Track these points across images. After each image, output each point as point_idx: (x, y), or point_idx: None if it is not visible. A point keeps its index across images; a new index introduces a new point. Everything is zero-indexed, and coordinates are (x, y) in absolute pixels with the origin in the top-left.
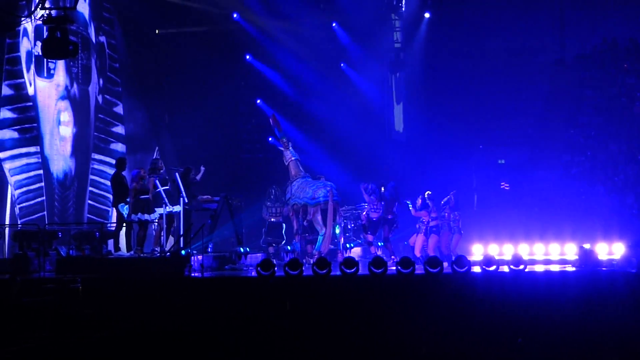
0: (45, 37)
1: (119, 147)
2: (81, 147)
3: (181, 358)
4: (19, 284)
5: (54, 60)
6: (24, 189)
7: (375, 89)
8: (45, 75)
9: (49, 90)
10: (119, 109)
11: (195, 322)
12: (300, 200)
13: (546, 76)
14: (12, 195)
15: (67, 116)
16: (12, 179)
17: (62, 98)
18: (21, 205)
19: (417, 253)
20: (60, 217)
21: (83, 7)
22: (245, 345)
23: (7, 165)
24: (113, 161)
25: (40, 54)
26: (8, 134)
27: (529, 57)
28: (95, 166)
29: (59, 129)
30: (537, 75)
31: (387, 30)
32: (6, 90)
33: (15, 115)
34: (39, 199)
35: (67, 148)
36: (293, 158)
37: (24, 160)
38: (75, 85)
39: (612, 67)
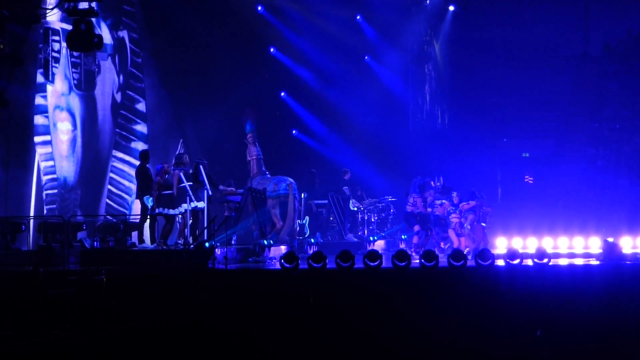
0: (70, 30)
1: (140, 145)
2: (89, 151)
3: (204, 350)
4: (42, 275)
5: (56, 65)
6: (50, 176)
7: (400, 82)
8: (50, 79)
9: (51, 93)
10: (142, 107)
11: (219, 314)
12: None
13: (571, 69)
14: (40, 181)
15: (64, 123)
16: (42, 164)
17: (58, 105)
18: (47, 192)
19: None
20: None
21: None
22: (268, 338)
23: (40, 150)
24: (133, 160)
25: (47, 57)
26: (41, 119)
27: (554, 50)
28: (116, 164)
29: (60, 131)
30: (561, 69)
31: (412, 23)
32: (40, 78)
33: (46, 102)
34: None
35: (68, 150)
36: (257, 155)
37: (49, 148)
38: (75, 92)
39: (637, 60)
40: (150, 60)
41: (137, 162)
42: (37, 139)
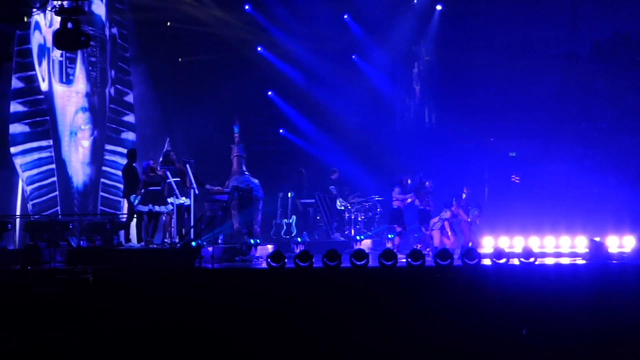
0: (57, 28)
1: (130, 135)
2: (98, 149)
3: (191, 349)
4: (31, 274)
5: (73, 66)
6: (36, 184)
7: (387, 81)
8: (64, 80)
9: (67, 95)
10: (130, 98)
11: (206, 313)
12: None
13: (558, 69)
14: (24, 192)
15: (84, 123)
16: (24, 175)
17: (82, 107)
18: (34, 201)
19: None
20: (81, 210)
21: (100, 9)
22: (255, 337)
23: (18, 161)
24: (124, 151)
25: (59, 58)
26: (19, 128)
27: (541, 49)
28: (107, 157)
29: (78, 136)
30: (549, 68)
31: (400, 22)
32: (16, 83)
33: (26, 109)
34: (52, 194)
35: (87, 154)
36: (237, 154)
37: (35, 155)
38: (95, 91)
39: (625, 60)
40: (138, 60)
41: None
42: (14, 149)
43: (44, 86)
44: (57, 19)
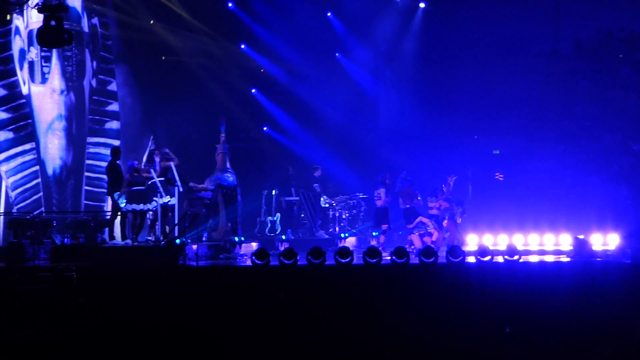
0: (40, 26)
1: (114, 124)
2: (77, 141)
3: (175, 347)
4: (18, 271)
5: (48, 64)
6: (21, 189)
7: (370, 79)
8: (40, 80)
9: (43, 94)
10: (112, 87)
11: (190, 311)
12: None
13: (541, 66)
14: (9, 197)
15: (62, 119)
16: (9, 181)
17: (56, 103)
18: (19, 205)
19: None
20: (58, 208)
21: (74, 1)
22: (239, 335)
23: (3, 168)
24: (108, 141)
25: (33, 58)
26: (3, 135)
27: (524, 47)
28: (91, 150)
29: (54, 130)
30: (531, 66)
31: (382, 20)
32: (0, 92)
33: (10, 115)
34: (36, 196)
35: (62, 145)
36: (222, 151)
37: (19, 160)
38: (70, 86)
39: (606, 58)
40: (120, 57)
41: (112, 141)
42: None
43: (24, 89)
44: (35, 20)
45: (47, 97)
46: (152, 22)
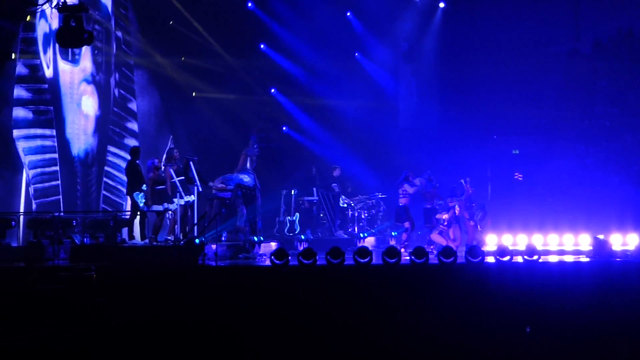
0: (59, 25)
1: (132, 142)
2: (101, 131)
3: (194, 347)
4: (37, 271)
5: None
6: (39, 169)
7: (390, 79)
8: (69, 59)
9: (73, 73)
10: (133, 106)
11: (209, 311)
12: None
13: (561, 66)
14: (27, 175)
15: (90, 98)
16: (26, 159)
17: (87, 82)
18: (36, 185)
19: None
20: (83, 199)
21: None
22: (258, 334)
23: (21, 144)
24: (126, 155)
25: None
26: (22, 112)
27: (544, 47)
28: (110, 158)
29: (82, 109)
30: (551, 66)
31: (402, 19)
32: (21, 69)
33: (29, 95)
34: (54, 182)
35: (90, 127)
36: (244, 152)
37: (39, 142)
38: (100, 74)
39: (627, 57)
40: (141, 58)
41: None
42: (17, 132)
43: (48, 73)
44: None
45: (76, 75)
46: (171, 22)
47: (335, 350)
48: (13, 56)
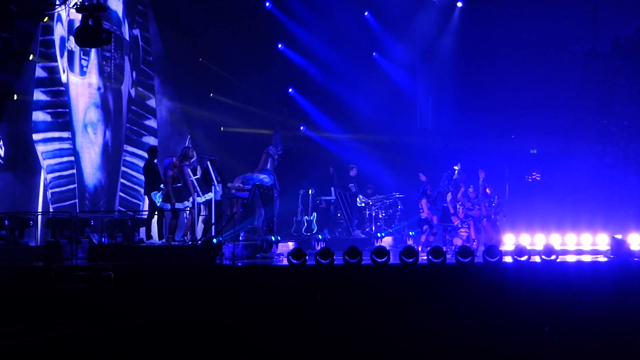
0: (78, 25)
1: (151, 140)
2: (112, 145)
3: (212, 346)
4: (55, 270)
5: (86, 58)
6: (57, 174)
7: (407, 78)
8: (79, 72)
9: (81, 87)
10: (152, 102)
11: (226, 310)
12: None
13: (579, 65)
14: (45, 179)
15: (95, 118)
16: (44, 162)
17: (93, 99)
18: (53, 190)
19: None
20: (91, 207)
21: (116, 5)
22: (275, 334)
23: (40, 148)
24: (144, 154)
25: (73, 48)
26: (41, 115)
27: (562, 46)
28: (127, 158)
29: (87, 129)
30: (569, 65)
31: (420, 19)
32: (40, 72)
33: (48, 98)
34: (71, 186)
35: (96, 150)
36: (265, 151)
37: (57, 145)
38: (107, 86)
39: None
40: (159, 58)
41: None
42: (36, 136)
43: (64, 78)
44: (77, 13)
45: (84, 90)
46: (200, 59)
47: (352, 350)
48: (31, 57)
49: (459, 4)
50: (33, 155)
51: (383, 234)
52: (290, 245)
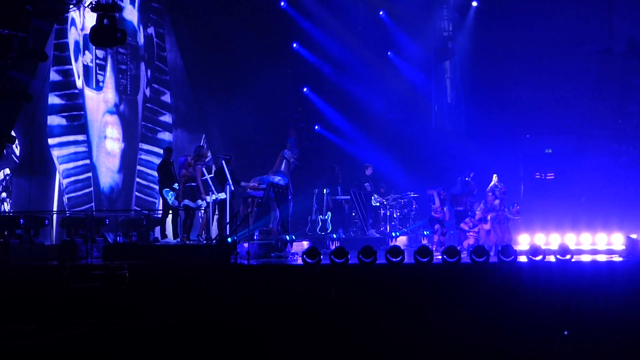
0: (94, 25)
1: (167, 136)
2: (128, 146)
3: (225, 345)
4: (69, 269)
5: (102, 73)
6: (72, 178)
7: (423, 78)
8: (94, 86)
9: (97, 102)
10: (167, 98)
11: (241, 309)
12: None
13: (594, 65)
14: (60, 184)
15: (114, 132)
16: (60, 167)
17: (110, 113)
18: (70, 195)
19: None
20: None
21: (131, 15)
22: (290, 333)
23: (55, 152)
24: (160, 151)
25: (89, 63)
26: (56, 120)
27: (577, 46)
28: (143, 156)
29: (105, 142)
30: (585, 64)
31: (435, 18)
32: (54, 76)
33: (63, 102)
34: (87, 190)
35: (115, 162)
36: (281, 154)
37: (72, 149)
38: (124, 100)
39: None
40: (174, 57)
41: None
42: (51, 140)
43: (79, 83)
44: (91, 20)
45: (100, 105)
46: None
47: (366, 349)
48: (46, 58)
49: (474, 4)
50: (48, 159)
51: (398, 234)
52: (305, 244)
